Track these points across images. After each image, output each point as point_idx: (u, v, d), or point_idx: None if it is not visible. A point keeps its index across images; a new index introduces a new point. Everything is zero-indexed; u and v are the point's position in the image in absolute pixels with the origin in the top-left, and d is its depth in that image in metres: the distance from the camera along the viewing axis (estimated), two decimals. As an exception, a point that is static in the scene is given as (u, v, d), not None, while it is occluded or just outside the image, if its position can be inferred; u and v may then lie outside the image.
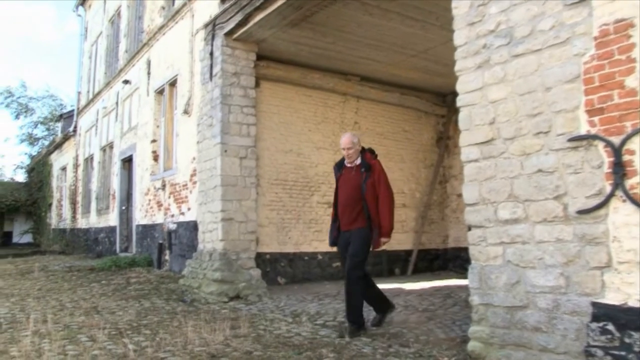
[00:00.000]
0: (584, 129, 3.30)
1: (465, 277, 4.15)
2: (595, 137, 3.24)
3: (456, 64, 4.16)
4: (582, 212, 3.27)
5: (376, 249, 4.92)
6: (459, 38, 4.16)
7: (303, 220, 9.10)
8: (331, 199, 9.49)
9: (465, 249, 4.20)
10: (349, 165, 5.11)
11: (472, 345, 3.86)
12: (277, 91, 9.11)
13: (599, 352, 3.10)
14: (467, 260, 4.04)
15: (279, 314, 5.98)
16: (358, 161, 5.07)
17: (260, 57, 8.39)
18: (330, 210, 9.36)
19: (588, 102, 3.29)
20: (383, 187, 4.94)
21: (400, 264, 10.35)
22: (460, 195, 10.63)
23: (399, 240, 10.39)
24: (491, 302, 3.77)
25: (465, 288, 5.14)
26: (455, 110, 4.67)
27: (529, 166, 3.59)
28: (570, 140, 3.35)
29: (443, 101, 11.40)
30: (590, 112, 3.27)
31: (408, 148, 10.93)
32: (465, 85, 4.08)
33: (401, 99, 10.71)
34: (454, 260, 10.92)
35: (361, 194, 4.88)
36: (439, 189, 11.32)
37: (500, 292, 3.71)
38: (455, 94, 4.21)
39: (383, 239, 4.89)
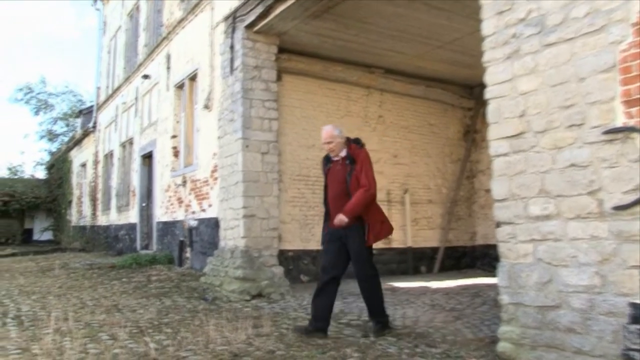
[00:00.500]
0: (620, 120, 3.24)
1: (494, 276, 4.12)
2: (632, 129, 3.17)
3: (484, 54, 4.12)
4: (618, 209, 3.21)
5: (371, 244, 4.76)
6: (487, 28, 4.12)
7: (326, 217, 9.11)
8: (355, 195, 9.61)
9: (494, 247, 4.16)
10: (335, 158, 4.94)
11: (502, 346, 3.83)
12: (299, 85, 9.15)
13: (638, 356, 3.04)
14: (496, 258, 4.01)
15: (302, 313, 6.01)
16: (344, 153, 4.88)
17: (281, 50, 8.42)
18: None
19: (625, 92, 3.23)
20: (363, 174, 4.71)
21: (426, 262, 10.31)
22: (488, 191, 10.53)
23: (425, 237, 10.36)
24: (521, 301, 3.74)
25: (494, 287, 5.09)
26: (483, 103, 4.63)
27: (561, 160, 3.55)
28: (606, 132, 3.30)
29: (470, 93, 11.30)
30: (628, 103, 3.21)
31: (434, 142, 10.87)
32: (493, 77, 4.04)
33: (426, 91, 10.66)
34: (482, 258, 10.84)
35: (347, 188, 4.74)
36: (466, 184, 11.24)
37: (531, 291, 3.67)
38: (483, 86, 4.17)
39: (340, 216, 4.64)
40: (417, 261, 10.15)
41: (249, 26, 7.88)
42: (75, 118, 30.08)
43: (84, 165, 21.08)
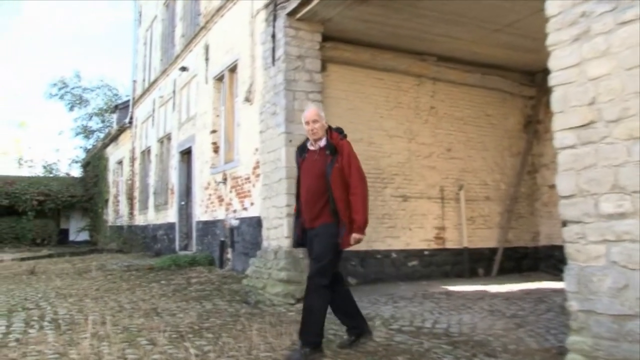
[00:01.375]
0: None
1: (560, 279, 4.05)
2: None
3: (548, 37, 4.03)
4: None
5: (344, 248, 4.38)
6: (552, 7, 4.04)
7: (375, 215, 9.10)
8: (405, 191, 9.62)
9: (560, 248, 4.09)
10: (312, 148, 4.57)
11: (571, 358, 3.75)
12: (345, 75, 9.17)
13: None
14: (562, 260, 3.93)
15: (350, 318, 6.05)
16: (323, 142, 4.53)
17: (326, 38, 8.47)
18: (406, 204, 9.48)
19: None
20: (355, 172, 4.40)
21: (483, 264, 10.18)
22: (552, 187, 10.33)
23: (482, 236, 10.23)
24: (593, 308, 3.65)
25: (560, 292, 5.00)
26: (546, 91, 4.53)
27: (637, 152, 3.45)
28: (688, 121, 3.19)
29: (531, 81, 11.07)
30: None
31: (491, 134, 10.71)
32: (559, 61, 3.96)
33: (483, 79, 10.50)
34: (547, 260, 10.61)
35: (326, 182, 4.34)
36: (528, 179, 11.02)
37: (605, 298, 3.59)
38: (546, 72, 4.09)
39: (355, 236, 4.32)
40: (473, 263, 10.03)
41: (291, 13, 7.95)
42: (110, 113, 31.02)
43: (120, 162, 21.73)
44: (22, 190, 25.64)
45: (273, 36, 8.28)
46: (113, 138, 22.80)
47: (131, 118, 19.87)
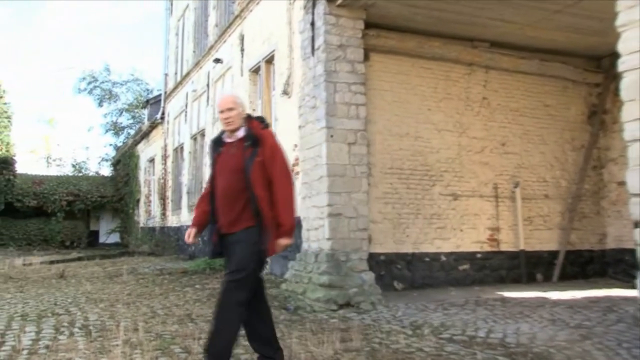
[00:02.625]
0: None
1: (632, 286, 3.96)
2: None
3: (618, 17, 3.95)
4: None
5: (271, 255, 4.03)
6: (621, -16, 3.95)
7: (423, 215, 9.08)
8: (455, 189, 9.56)
9: (631, 251, 4.00)
10: (229, 140, 4.18)
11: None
12: (389, 65, 9.15)
13: None
14: (634, 265, 3.85)
15: (397, 325, 6.04)
16: (241, 133, 4.12)
17: (368, 25, 8.46)
18: (456, 203, 9.39)
19: None
20: (278, 166, 4.02)
21: (543, 268, 10.01)
22: (621, 184, 10.09)
23: (541, 238, 10.07)
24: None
25: (632, 300, 4.88)
26: (614, 77, 4.44)
27: None
28: None
29: (597, 66, 10.83)
30: None
31: (550, 126, 10.52)
32: (630, 44, 3.87)
33: (541, 66, 10.32)
34: (615, 265, 10.35)
35: (245, 180, 3.95)
36: (593, 176, 10.78)
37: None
38: (614, 56, 4.01)
39: (282, 241, 3.98)
40: (531, 267, 9.87)
41: (331, -1, 8.00)
42: (141, 109, 31.69)
43: (152, 160, 22.16)
44: (51, 191, 26.44)
45: (312, 24, 8.32)
46: (144, 135, 23.23)
47: (163, 113, 20.25)
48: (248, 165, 3.94)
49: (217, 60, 13.69)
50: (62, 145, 59.52)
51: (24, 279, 10.51)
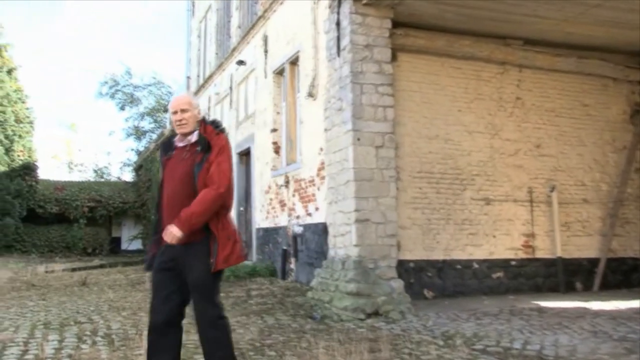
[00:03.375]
0: None
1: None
2: None
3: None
4: None
5: (219, 268, 3.81)
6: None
7: (454, 221, 9.06)
8: (488, 193, 9.55)
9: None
10: (180, 144, 4.07)
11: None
12: (418, 65, 9.17)
13: None
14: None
15: (427, 335, 6.06)
16: (194, 137, 4.01)
17: (396, 24, 8.49)
18: (488, 208, 9.36)
19: None
20: (216, 168, 3.83)
21: (582, 276, 9.89)
22: (665, 187, 9.91)
23: (580, 245, 9.95)
24: None
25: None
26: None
27: None
28: None
29: None
30: None
31: (589, 127, 10.41)
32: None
33: (579, 64, 10.22)
34: (662, 274, 10.19)
35: (193, 186, 3.83)
36: (636, 179, 10.62)
37: None
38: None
39: (172, 230, 3.69)
40: (570, 275, 9.76)
41: (358, -2, 8.03)
42: (163, 112, 32.02)
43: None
44: (73, 197, 26.92)
45: (337, 24, 8.37)
46: (166, 139, 23.44)
47: (185, 117, 20.44)
48: (196, 171, 3.83)
49: (240, 62, 13.81)
50: (84, 150, 60.31)
51: (46, 287, 10.75)
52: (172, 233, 3.69)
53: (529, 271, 9.52)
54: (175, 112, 3.99)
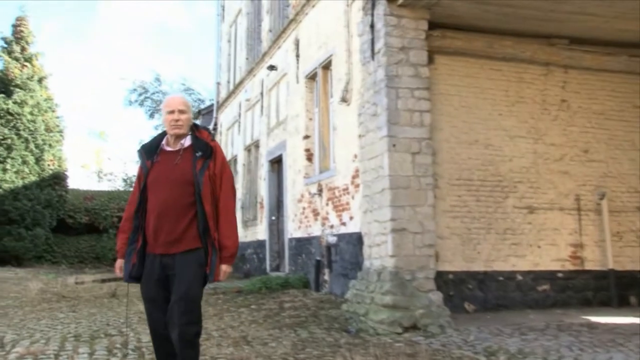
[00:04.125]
0: None
1: None
2: None
3: None
4: None
5: (216, 281, 3.89)
6: None
7: (495, 230, 8.97)
8: (532, 201, 9.42)
9: None
10: (169, 148, 4.01)
11: None
12: (456, 67, 9.13)
13: None
14: None
15: (469, 351, 6.00)
16: (187, 141, 3.99)
17: (432, 26, 8.47)
18: (532, 217, 9.23)
19: None
20: (227, 184, 3.95)
21: (637, 290, 9.68)
22: None
23: (634, 256, 9.76)
24: None
25: None
26: None
27: None
28: None
29: (697, 60, 10.43)
30: None
31: (642, 130, 10.20)
32: None
33: (630, 63, 10.07)
34: None
35: (195, 194, 3.83)
36: (696, 185, 10.36)
37: None
38: None
39: (225, 267, 3.90)
40: (623, 289, 9.54)
41: (392, -1, 8.03)
42: (193, 120, 32.41)
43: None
44: (102, 206, 27.35)
45: (371, 26, 8.38)
46: (196, 147, 23.84)
47: (215, 124, 20.68)
48: (199, 179, 3.82)
49: (272, 67, 13.91)
50: (113, 159, 61.40)
51: (76, 298, 10.93)
52: (227, 272, 3.90)
53: (577, 284, 9.35)
54: (172, 112, 3.94)
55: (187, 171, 3.86)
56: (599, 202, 9.71)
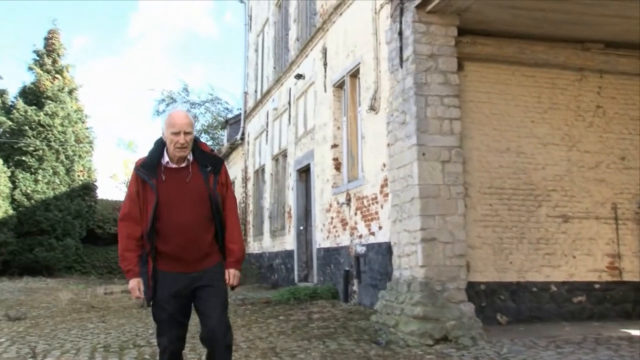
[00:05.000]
0: None
1: None
2: None
3: None
4: None
5: (230, 285, 4.02)
6: None
7: (528, 240, 8.86)
8: (565, 210, 9.32)
9: None
10: (172, 165, 3.94)
11: None
12: (486, 74, 9.08)
13: None
14: None
15: (502, 364, 5.93)
16: (190, 155, 3.96)
17: (462, 32, 8.42)
18: (567, 226, 9.10)
19: None
20: (231, 192, 4.11)
21: (678, 303, 9.47)
22: None
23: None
24: None
25: None
26: None
27: None
28: None
29: None
30: None
31: (683, 136, 10.01)
32: None
33: (670, 66, 9.88)
34: None
35: (212, 209, 3.89)
36: None
37: None
38: None
39: (235, 272, 4.01)
40: (646, 300, 9.37)
41: (420, 6, 8.00)
42: (220, 129, 32.69)
43: (232, 183, 22.80)
44: (130, 217, 27.76)
45: (400, 34, 8.38)
46: (224, 156, 24.01)
47: (243, 134, 20.86)
48: (215, 193, 3.90)
49: (299, 76, 13.99)
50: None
51: (105, 309, 11.09)
52: (237, 276, 3.99)
53: (615, 295, 9.17)
54: (177, 133, 3.83)
55: (202, 187, 3.89)
56: (638, 210, 9.55)
